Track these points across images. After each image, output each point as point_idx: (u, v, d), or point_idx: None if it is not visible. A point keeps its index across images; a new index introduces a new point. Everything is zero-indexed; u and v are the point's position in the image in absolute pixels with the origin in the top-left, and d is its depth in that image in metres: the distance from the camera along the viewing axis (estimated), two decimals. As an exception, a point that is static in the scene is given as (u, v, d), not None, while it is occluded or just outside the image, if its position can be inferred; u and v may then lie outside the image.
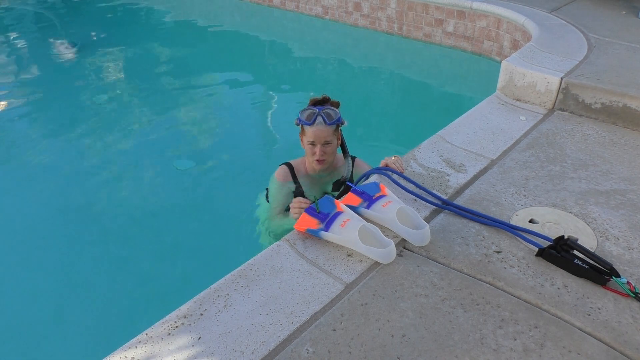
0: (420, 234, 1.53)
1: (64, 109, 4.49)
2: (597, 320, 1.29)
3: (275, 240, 1.67)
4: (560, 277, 1.43)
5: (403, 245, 1.55)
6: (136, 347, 1.21)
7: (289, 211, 1.87)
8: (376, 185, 1.69)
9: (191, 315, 1.30)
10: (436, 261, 1.49)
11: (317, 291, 1.37)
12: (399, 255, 1.50)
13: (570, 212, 1.74)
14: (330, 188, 2.19)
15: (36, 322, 2.31)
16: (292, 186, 2.17)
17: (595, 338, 1.25)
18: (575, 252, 1.43)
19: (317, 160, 2.03)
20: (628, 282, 1.37)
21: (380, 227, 1.56)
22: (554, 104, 2.60)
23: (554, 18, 3.93)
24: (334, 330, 1.25)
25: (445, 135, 2.27)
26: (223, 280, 1.41)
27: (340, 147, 2.18)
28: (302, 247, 1.53)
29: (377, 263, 1.47)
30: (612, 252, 1.55)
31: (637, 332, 1.26)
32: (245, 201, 2.92)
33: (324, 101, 2.04)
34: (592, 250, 1.55)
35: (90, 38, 6.37)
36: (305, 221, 1.56)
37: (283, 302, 1.33)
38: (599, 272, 1.40)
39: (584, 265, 1.41)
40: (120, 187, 3.31)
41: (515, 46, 4.26)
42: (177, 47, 6.13)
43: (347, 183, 1.89)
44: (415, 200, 1.77)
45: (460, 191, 1.84)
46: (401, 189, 1.81)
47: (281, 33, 6.39)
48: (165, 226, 2.95)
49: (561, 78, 2.55)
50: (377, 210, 1.59)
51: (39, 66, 5.67)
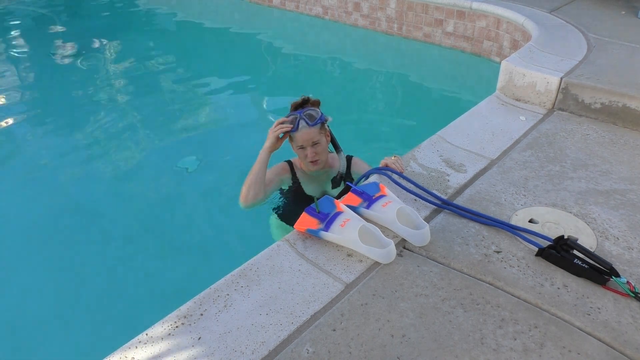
0: (420, 234, 1.53)
1: (64, 109, 4.49)
2: (597, 320, 1.30)
3: (284, 232, 1.68)
4: (560, 277, 1.43)
5: (403, 245, 1.56)
6: (136, 347, 1.21)
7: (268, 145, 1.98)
8: (376, 185, 1.70)
9: (191, 315, 1.30)
10: (436, 261, 1.50)
11: (317, 291, 1.37)
12: (399, 255, 1.51)
13: (570, 212, 1.74)
14: (329, 186, 2.20)
15: (36, 322, 2.32)
16: (289, 180, 2.19)
17: (595, 338, 1.25)
18: (575, 252, 1.43)
19: (311, 162, 2.05)
20: (628, 282, 1.37)
21: (380, 227, 1.56)
22: (554, 104, 2.60)
23: (554, 18, 3.93)
24: (334, 330, 1.26)
25: (445, 135, 2.27)
26: (223, 280, 1.41)
27: (331, 144, 2.19)
28: (302, 247, 1.53)
29: (377, 263, 1.47)
30: (612, 252, 1.55)
31: (637, 332, 1.26)
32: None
33: (304, 102, 2.05)
34: (592, 250, 1.55)
35: (90, 38, 6.37)
36: (305, 221, 1.57)
37: (283, 302, 1.33)
38: (599, 272, 1.40)
39: (584, 265, 1.41)
40: (120, 187, 3.31)
41: (515, 46, 4.26)
42: (177, 47, 6.13)
43: (347, 183, 1.89)
44: (415, 200, 1.77)
45: (460, 191, 1.85)
46: (401, 189, 1.81)
47: (281, 33, 6.39)
48: (165, 226, 2.95)
49: (561, 78, 2.55)
50: (377, 210, 1.60)
51: (39, 66, 5.67)
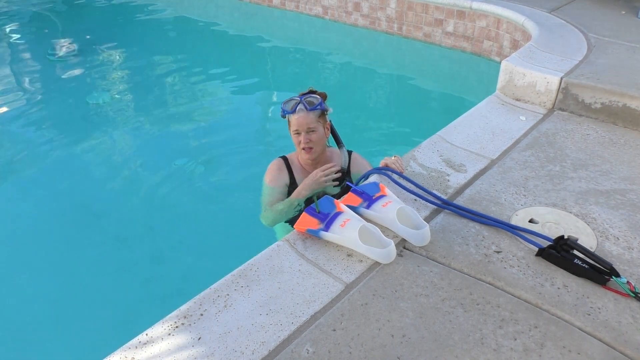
0: (420, 234, 1.53)
1: (63, 110, 4.50)
2: (597, 320, 1.29)
3: (285, 232, 1.68)
4: (560, 277, 1.43)
5: (403, 245, 1.55)
6: (136, 347, 1.21)
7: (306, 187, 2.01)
8: (376, 185, 1.69)
9: (191, 315, 1.30)
10: (436, 261, 1.49)
11: (317, 291, 1.37)
12: (399, 255, 1.50)
13: (570, 212, 1.74)
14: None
15: (37, 323, 2.32)
16: (287, 179, 2.16)
17: (595, 338, 1.25)
18: (575, 252, 1.42)
19: (304, 149, 2.03)
20: (628, 282, 1.37)
21: (380, 227, 1.56)
22: (554, 104, 2.60)
23: (554, 18, 3.93)
24: (334, 330, 1.25)
25: (445, 135, 2.27)
26: (223, 280, 1.41)
27: (333, 138, 2.18)
28: (302, 247, 1.53)
29: (377, 263, 1.47)
30: (612, 252, 1.55)
31: (637, 332, 1.26)
32: (245, 201, 2.93)
33: (309, 93, 2.06)
34: (592, 250, 1.55)
35: (89, 38, 6.37)
36: (305, 221, 1.56)
37: (283, 302, 1.33)
38: (599, 272, 1.40)
39: (584, 265, 1.41)
40: (120, 188, 3.31)
41: (515, 46, 4.26)
42: (177, 47, 6.13)
43: (347, 183, 1.89)
44: (415, 200, 1.77)
45: (460, 191, 1.84)
46: (401, 189, 1.81)
47: (281, 33, 6.39)
48: (165, 226, 2.95)
49: (561, 78, 2.55)
50: (377, 210, 1.60)
51: (39, 67, 5.67)
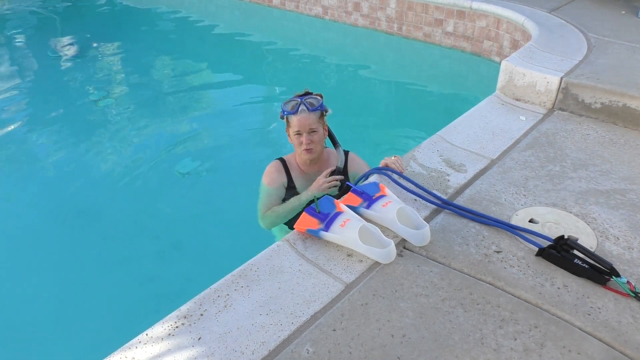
0: (420, 234, 1.53)
1: (63, 110, 4.49)
2: (597, 320, 1.29)
3: (283, 234, 1.68)
4: (560, 277, 1.43)
5: (403, 245, 1.55)
6: (136, 347, 1.21)
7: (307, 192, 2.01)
8: (376, 185, 1.69)
9: (191, 315, 1.30)
10: (436, 261, 1.49)
11: (317, 291, 1.37)
12: (399, 255, 1.50)
13: (570, 212, 1.74)
14: None
15: (37, 323, 2.32)
16: (285, 180, 2.16)
17: (595, 338, 1.25)
18: (575, 252, 1.42)
19: (305, 149, 2.03)
20: (628, 282, 1.37)
21: (380, 227, 1.56)
22: (554, 104, 2.60)
23: (554, 18, 3.93)
24: (334, 330, 1.25)
25: (445, 135, 2.27)
26: (223, 280, 1.41)
27: (329, 139, 2.18)
28: (302, 247, 1.53)
29: (377, 263, 1.47)
30: (612, 252, 1.55)
31: (637, 332, 1.26)
32: (245, 201, 2.92)
33: (306, 94, 2.07)
34: (592, 250, 1.55)
35: (89, 38, 6.37)
36: (305, 221, 1.56)
37: (283, 302, 1.33)
38: (599, 272, 1.40)
39: (584, 265, 1.41)
40: (120, 188, 3.31)
41: (515, 46, 4.26)
42: (177, 47, 6.13)
43: (347, 183, 1.89)
44: (415, 200, 1.77)
45: (460, 191, 1.84)
46: (401, 189, 1.81)
47: (281, 33, 6.39)
48: (165, 226, 2.95)
49: (561, 78, 2.55)
50: (377, 210, 1.60)
51: (39, 67, 5.67)
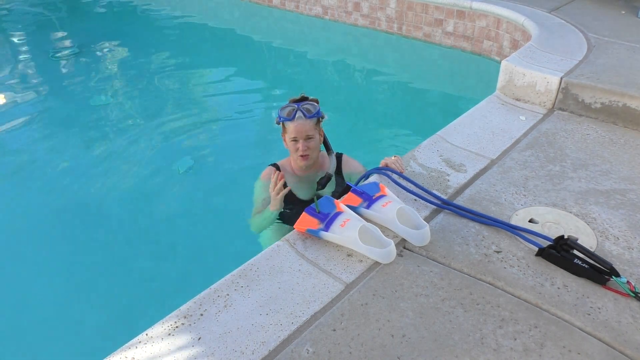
0: (420, 234, 1.53)
1: (63, 110, 4.49)
2: (597, 320, 1.30)
3: (275, 235, 1.67)
4: (560, 277, 1.43)
5: (403, 245, 1.56)
6: (136, 347, 1.21)
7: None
8: (376, 185, 1.70)
9: (191, 315, 1.30)
10: (436, 261, 1.49)
11: (317, 291, 1.37)
12: (399, 255, 1.50)
13: (570, 212, 1.74)
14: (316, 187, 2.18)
15: (37, 323, 2.32)
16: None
17: (595, 338, 1.25)
18: (575, 252, 1.43)
19: (301, 155, 2.03)
20: (628, 282, 1.37)
21: (380, 227, 1.56)
22: (554, 104, 2.60)
23: (554, 18, 3.93)
24: (334, 330, 1.25)
25: (445, 135, 2.27)
26: (223, 280, 1.41)
27: (323, 144, 2.18)
28: (302, 247, 1.53)
29: (377, 263, 1.47)
30: (612, 252, 1.55)
31: (637, 332, 1.26)
32: (245, 201, 2.92)
33: (302, 99, 2.06)
34: (592, 249, 1.55)
35: (89, 38, 6.37)
36: (305, 221, 1.56)
37: (283, 302, 1.33)
38: (599, 272, 1.40)
39: (584, 264, 1.41)
40: (120, 188, 3.31)
41: (515, 46, 4.26)
42: (177, 47, 6.13)
43: (347, 183, 1.89)
44: (415, 200, 1.77)
45: (460, 191, 1.85)
46: (401, 189, 1.81)
47: (281, 33, 6.39)
48: (165, 226, 2.95)
49: (561, 78, 2.55)
50: (377, 210, 1.60)
51: (39, 67, 5.67)
